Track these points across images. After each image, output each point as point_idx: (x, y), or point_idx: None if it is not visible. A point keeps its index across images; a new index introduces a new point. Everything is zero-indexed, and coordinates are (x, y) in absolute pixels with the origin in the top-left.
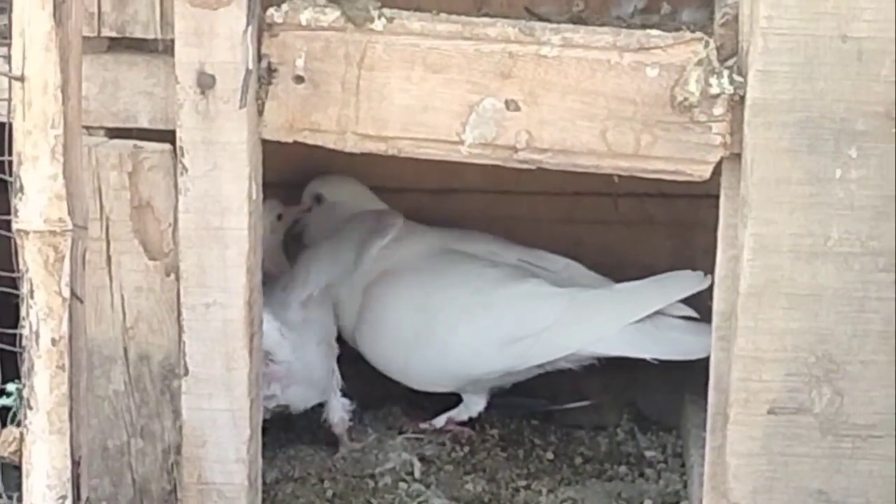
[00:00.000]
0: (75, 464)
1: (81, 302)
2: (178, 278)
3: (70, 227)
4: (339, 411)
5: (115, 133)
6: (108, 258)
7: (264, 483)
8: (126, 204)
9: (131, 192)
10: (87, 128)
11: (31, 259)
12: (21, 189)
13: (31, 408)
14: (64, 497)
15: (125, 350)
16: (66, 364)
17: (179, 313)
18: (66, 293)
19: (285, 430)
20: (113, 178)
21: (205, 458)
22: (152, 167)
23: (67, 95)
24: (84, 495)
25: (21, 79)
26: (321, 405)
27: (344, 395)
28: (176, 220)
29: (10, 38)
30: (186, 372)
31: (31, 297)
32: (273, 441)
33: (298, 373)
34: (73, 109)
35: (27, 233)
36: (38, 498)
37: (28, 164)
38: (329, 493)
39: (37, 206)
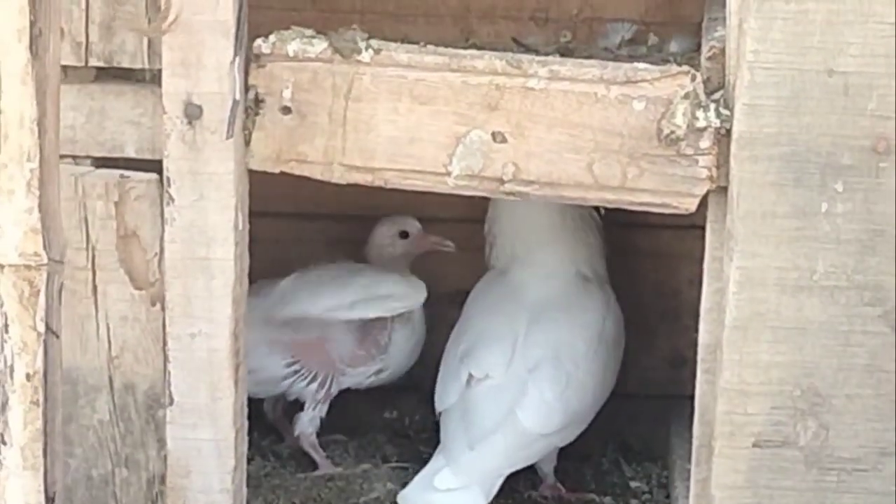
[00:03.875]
0: (49, 500)
1: (57, 337)
2: (163, 308)
3: (46, 261)
4: (300, 426)
5: (102, 162)
6: (94, 287)
7: None
8: (112, 233)
9: (117, 222)
10: (74, 157)
11: (6, 293)
12: None
13: (4, 443)
14: None
15: (110, 379)
16: (40, 399)
17: (165, 343)
18: (42, 328)
19: (270, 459)
20: (99, 207)
21: (189, 487)
22: (139, 197)
23: (44, 128)
24: None
25: None
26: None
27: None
28: (162, 249)
29: None
30: (171, 402)
31: (6, 331)
32: (258, 470)
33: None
34: (51, 143)
35: (2, 266)
36: None
37: (3, 197)
38: None
39: (12, 240)
